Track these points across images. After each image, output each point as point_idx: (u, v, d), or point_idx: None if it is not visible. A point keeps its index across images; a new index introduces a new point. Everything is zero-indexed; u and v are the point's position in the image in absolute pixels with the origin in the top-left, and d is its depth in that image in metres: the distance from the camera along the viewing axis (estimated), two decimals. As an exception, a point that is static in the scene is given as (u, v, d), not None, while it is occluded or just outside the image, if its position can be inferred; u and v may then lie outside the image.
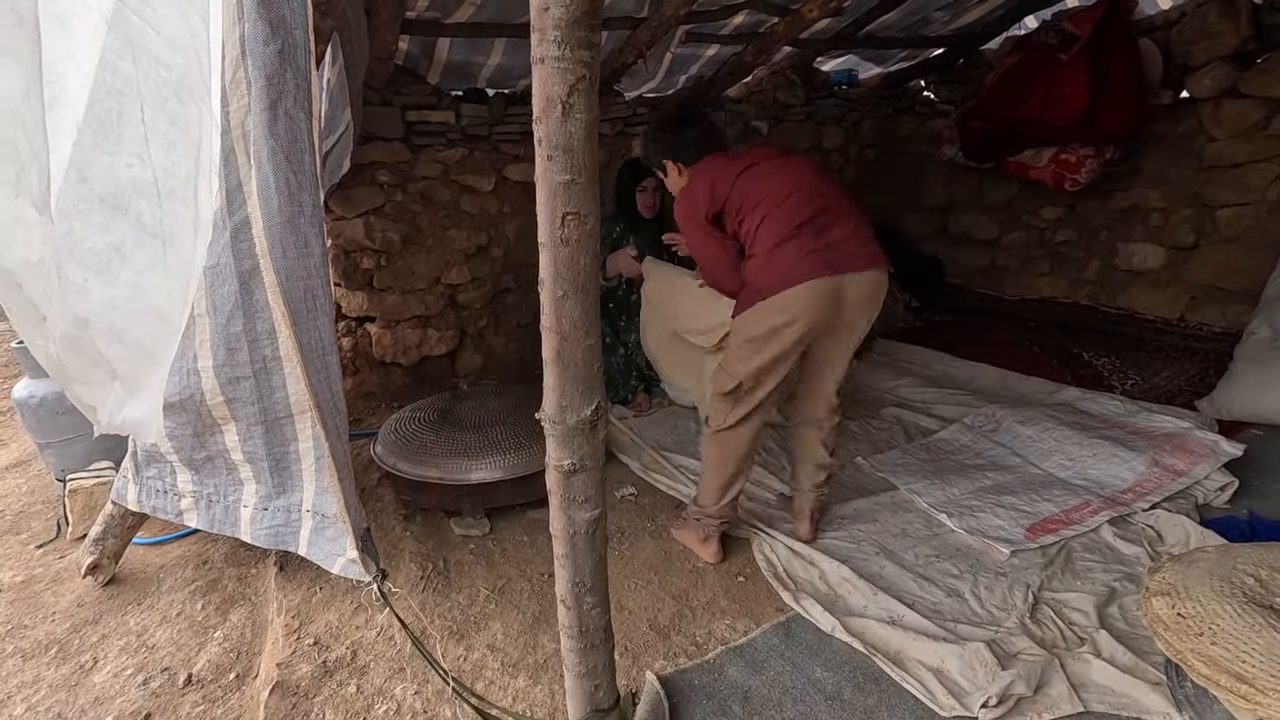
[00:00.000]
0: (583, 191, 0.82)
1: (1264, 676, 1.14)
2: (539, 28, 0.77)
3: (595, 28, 0.77)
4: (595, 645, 1.09)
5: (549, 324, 0.89)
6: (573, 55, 0.76)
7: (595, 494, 1.00)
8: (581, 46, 0.76)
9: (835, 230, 1.72)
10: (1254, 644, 1.19)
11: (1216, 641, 1.22)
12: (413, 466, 2.09)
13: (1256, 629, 1.22)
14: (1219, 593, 1.31)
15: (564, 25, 0.75)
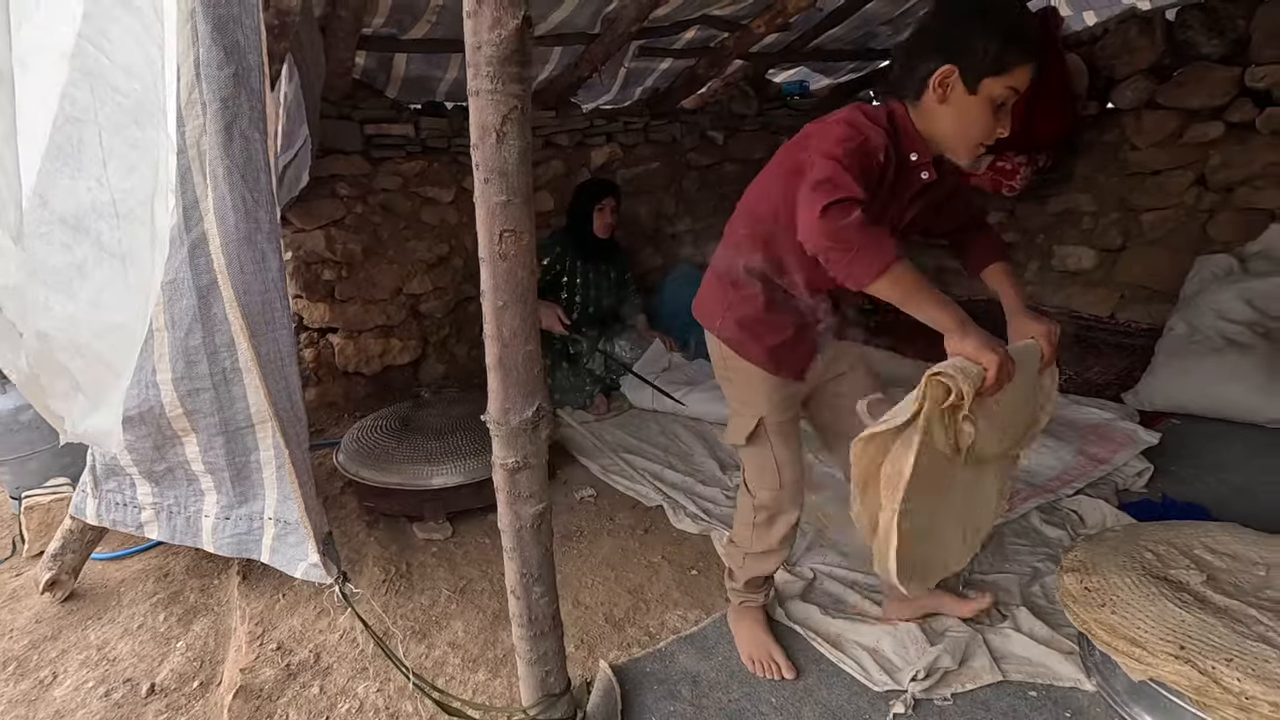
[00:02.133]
0: (518, 210, 0.90)
1: (1154, 640, 1.26)
2: (473, 63, 0.85)
3: (526, 63, 0.85)
4: (544, 633, 1.16)
5: (490, 332, 0.97)
6: (504, 88, 0.84)
7: (540, 490, 1.07)
8: (513, 80, 0.84)
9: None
10: (1147, 611, 1.31)
11: (1116, 611, 1.34)
12: (375, 473, 2.14)
13: (1151, 598, 1.34)
14: (1121, 567, 1.44)
15: (495, 62, 0.83)
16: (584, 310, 3.11)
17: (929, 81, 1.20)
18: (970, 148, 1.25)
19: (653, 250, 3.86)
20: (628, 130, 3.60)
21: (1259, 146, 2.86)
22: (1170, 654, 1.23)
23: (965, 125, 1.22)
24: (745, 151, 4.00)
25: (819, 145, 1.19)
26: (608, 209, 2.99)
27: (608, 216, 3.00)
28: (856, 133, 1.19)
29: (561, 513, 2.24)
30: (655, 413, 2.90)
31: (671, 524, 2.13)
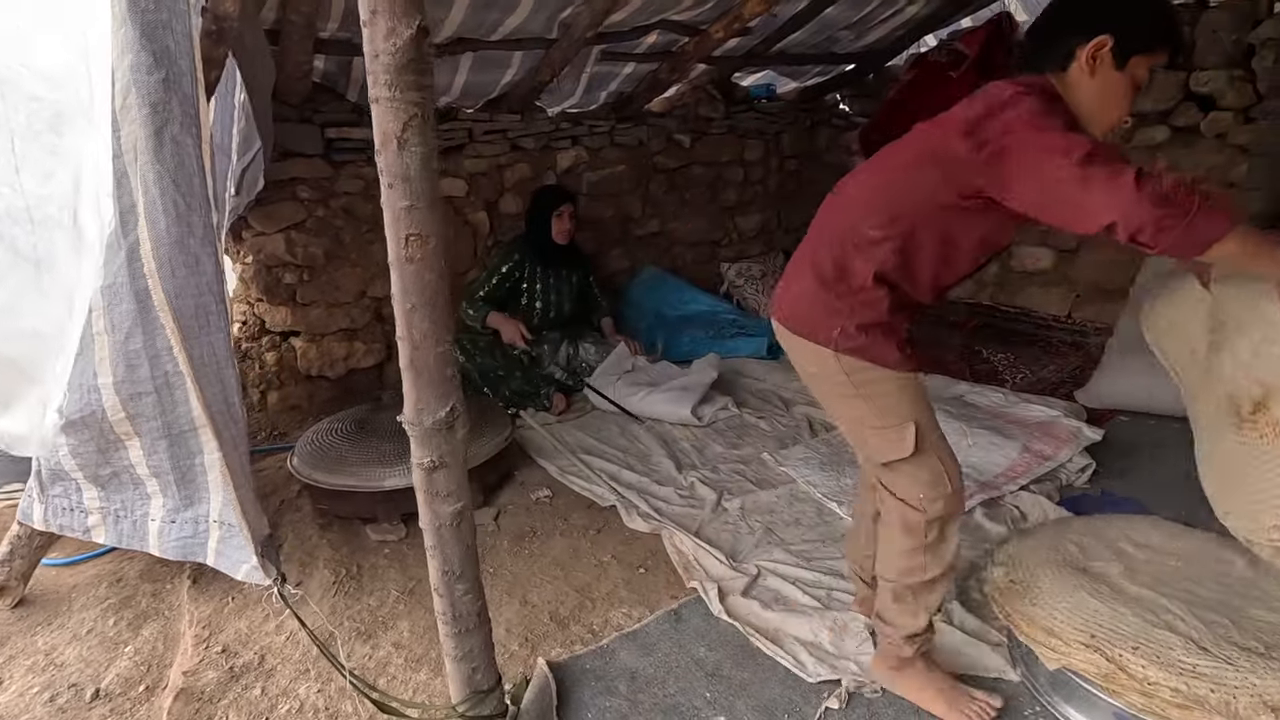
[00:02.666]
0: (423, 215, 0.92)
1: (1068, 630, 1.29)
2: (372, 71, 0.87)
3: (424, 71, 0.87)
4: (469, 630, 1.18)
5: (402, 334, 0.99)
6: (403, 96, 0.86)
7: (457, 489, 1.09)
8: (411, 89, 0.86)
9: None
10: (1065, 602, 1.35)
11: (1035, 602, 1.38)
12: (329, 476, 2.15)
13: (1069, 590, 1.38)
14: (1045, 560, 1.48)
15: (392, 70, 0.85)
16: (545, 315, 3.13)
17: (1078, 52, 1.15)
18: (1108, 124, 1.21)
19: (620, 252, 3.88)
20: (593, 134, 3.62)
21: (1203, 150, 2.93)
22: (1082, 643, 1.27)
23: (1108, 100, 1.18)
24: (712, 154, 4.04)
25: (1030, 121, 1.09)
26: (565, 215, 3.01)
27: (566, 222, 3.03)
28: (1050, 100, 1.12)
29: (517, 513, 2.26)
30: (617, 414, 2.92)
31: (624, 524, 2.15)
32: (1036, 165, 1.07)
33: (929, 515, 1.28)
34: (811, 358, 1.33)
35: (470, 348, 2.99)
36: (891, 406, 1.28)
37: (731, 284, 4.11)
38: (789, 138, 4.32)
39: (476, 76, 3.00)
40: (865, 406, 1.30)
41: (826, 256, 1.29)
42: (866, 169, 1.35)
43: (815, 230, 1.37)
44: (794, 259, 1.40)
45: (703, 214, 4.14)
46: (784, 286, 1.41)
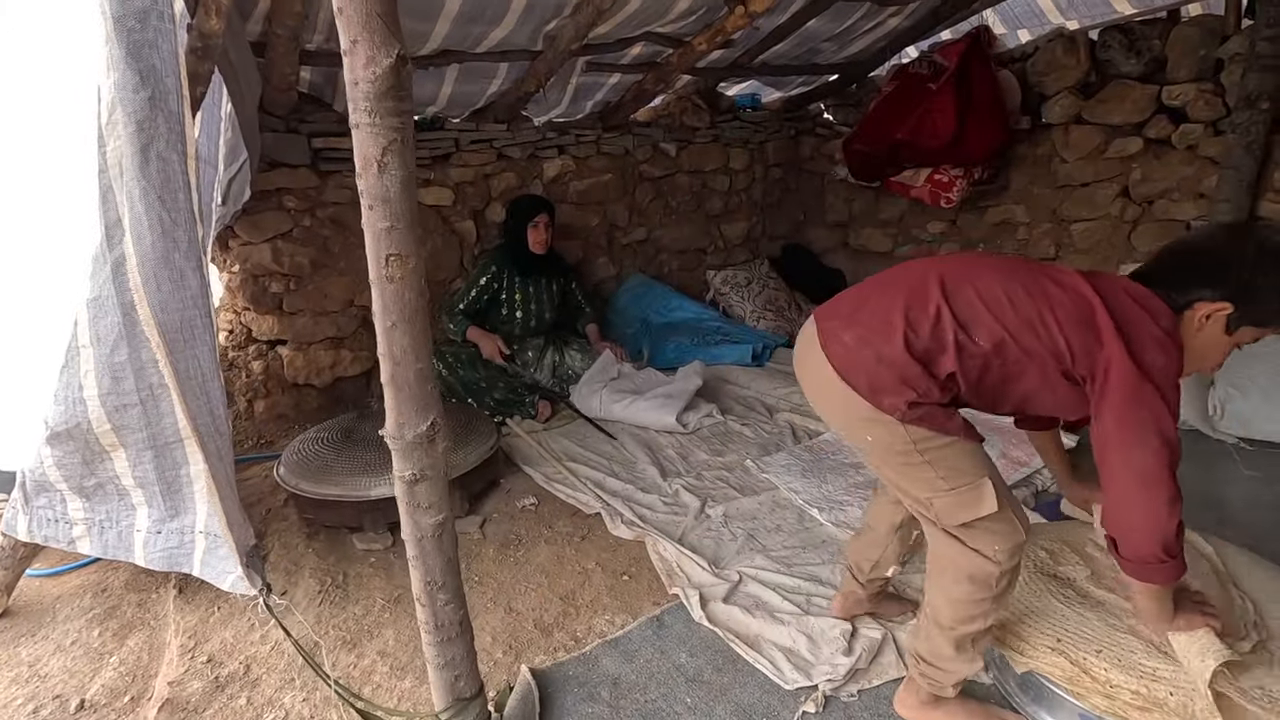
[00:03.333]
0: (402, 235, 0.95)
1: (1035, 634, 1.33)
2: (352, 98, 0.89)
3: (404, 97, 0.90)
4: (451, 639, 1.20)
5: (383, 351, 1.01)
6: (383, 122, 0.89)
7: (439, 500, 1.11)
8: (390, 114, 0.89)
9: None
10: (1032, 607, 1.39)
11: (1006, 608, 1.41)
12: (315, 486, 2.16)
13: (1037, 594, 1.42)
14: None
15: (372, 97, 0.88)
16: (525, 324, 3.15)
17: (1198, 306, 1.16)
18: (1192, 371, 1.21)
19: (606, 260, 3.91)
20: (580, 143, 3.65)
21: (1175, 161, 3.00)
22: (1048, 647, 1.30)
23: (1204, 357, 1.21)
24: (698, 163, 4.08)
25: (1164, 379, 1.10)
26: (541, 225, 3.03)
27: (541, 232, 3.05)
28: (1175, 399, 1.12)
29: (503, 521, 2.28)
30: (603, 421, 2.95)
31: (609, 531, 2.18)
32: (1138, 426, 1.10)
33: (1003, 568, 1.23)
34: (867, 423, 1.24)
35: (452, 360, 3.01)
36: (959, 467, 1.21)
37: (717, 291, 4.15)
38: (773, 146, 4.37)
39: (462, 87, 3.03)
40: (933, 472, 1.22)
41: (925, 333, 1.19)
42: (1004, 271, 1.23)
43: (918, 292, 1.22)
44: (874, 308, 1.26)
45: (688, 222, 4.18)
46: (852, 322, 1.26)
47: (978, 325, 1.17)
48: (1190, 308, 1.16)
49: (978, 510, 1.20)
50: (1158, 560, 1.12)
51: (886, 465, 1.28)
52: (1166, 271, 1.21)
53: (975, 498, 1.20)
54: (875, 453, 1.28)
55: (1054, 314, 1.15)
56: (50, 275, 1.80)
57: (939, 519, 1.24)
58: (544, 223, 3.04)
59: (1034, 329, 1.16)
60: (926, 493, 1.23)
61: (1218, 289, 1.14)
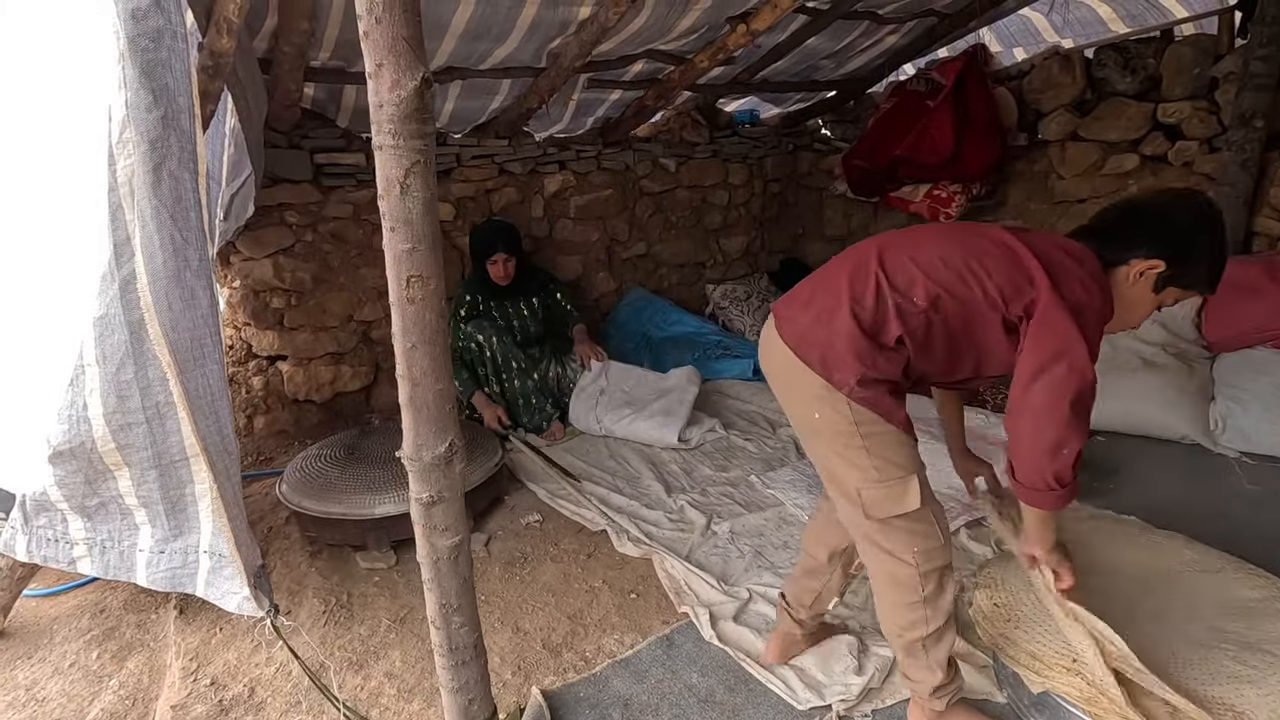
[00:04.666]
0: (424, 257, 0.94)
1: (1050, 654, 1.33)
2: (375, 121, 0.90)
3: (427, 120, 0.90)
4: (466, 662, 1.19)
5: (402, 372, 1.01)
6: (406, 144, 0.89)
7: (455, 522, 1.10)
8: (414, 137, 0.89)
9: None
10: (1046, 626, 1.39)
11: (1019, 626, 1.41)
12: (317, 503, 2.14)
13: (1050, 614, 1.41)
14: (1027, 584, 1.51)
15: (396, 120, 0.88)
16: (513, 340, 3.11)
17: (1132, 262, 1.24)
18: (1116, 328, 1.29)
19: (606, 275, 3.92)
20: (580, 158, 3.67)
21: (1171, 177, 3.04)
22: (1064, 667, 1.30)
23: (1131, 311, 1.28)
24: (697, 178, 4.11)
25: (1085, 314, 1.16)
26: (499, 262, 2.99)
27: (501, 268, 3.01)
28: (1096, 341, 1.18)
29: (507, 539, 2.27)
30: (606, 438, 2.94)
31: (614, 548, 2.16)
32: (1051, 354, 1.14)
33: (922, 569, 1.28)
34: (816, 399, 1.28)
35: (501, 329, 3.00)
36: (893, 458, 1.26)
37: (717, 305, 4.16)
38: (772, 162, 4.40)
39: (465, 103, 3.04)
40: (868, 459, 1.26)
41: (868, 303, 1.24)
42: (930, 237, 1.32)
43: (858, 268, 1.29)
44: (823, 288, 1.32)
45: (688, 237, 4.20)
46: (804, 308, 1.32)
47: (914, 286, 1.23)
48: (1126, 263, 1.24)
49: (903, 505, 1.26)
50: (1047, 487, 1.18)
51: (828, 448, 1.31)
52: (1110, 226, 1.28)
53: (901, 492, 1.26)
54: (820, 433, 1.32)
55: (983, 265, 1.21)
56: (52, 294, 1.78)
57: (867, 510, 1.28)
58: (502, 259, 2.99)
59: (965, 281, 1.22)
60: (858, 482, 1.28)
61: (1154, 246, 1.22)
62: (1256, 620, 1.32)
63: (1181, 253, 1.22)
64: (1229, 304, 2.65)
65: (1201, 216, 1.23)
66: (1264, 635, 1.27)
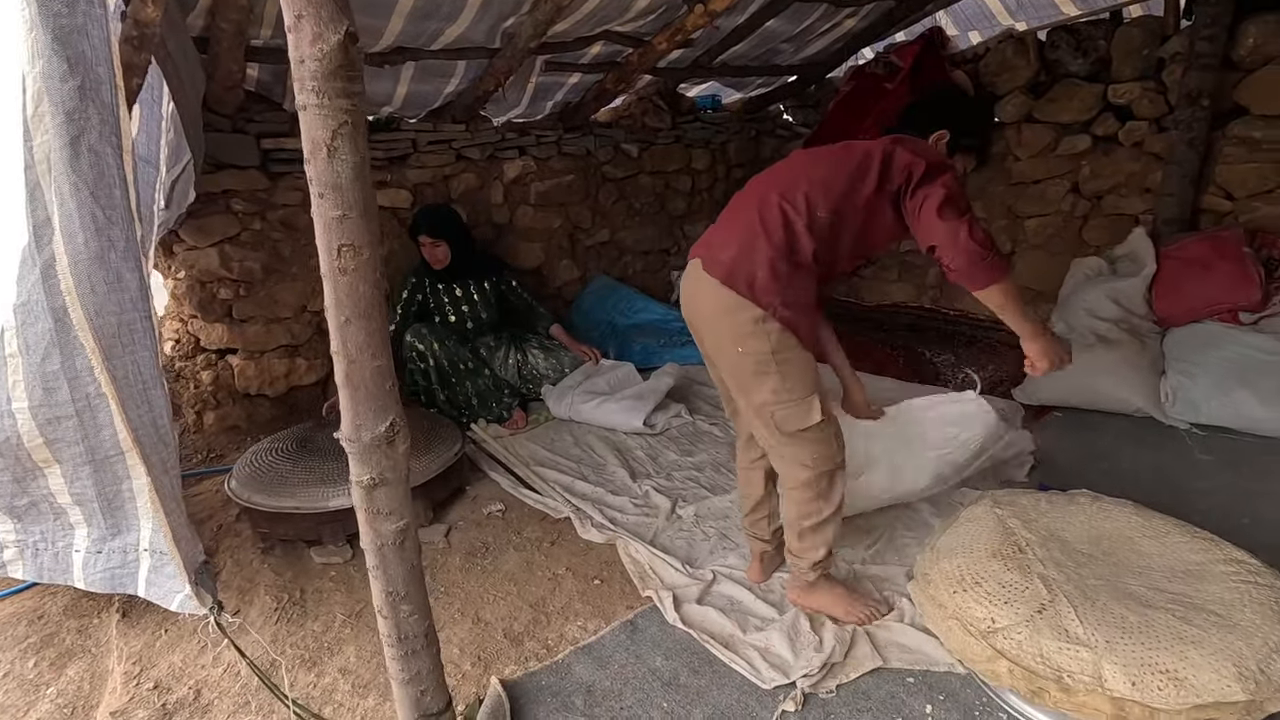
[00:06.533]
0: (355, 225, 0.89)
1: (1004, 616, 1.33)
2: (298, 78, 0.84)
3: (354, 78, 0.85)
4: (416, 651, 1.14)
5: (336, 348, 0.96)
6: (331, 103, 0.84)
7: (400, 506, 1.06)
8: (340, 95, 0.84)
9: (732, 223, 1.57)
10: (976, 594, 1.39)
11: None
12: (269, 498, 2.06)
13: (982, 580, 1.42)
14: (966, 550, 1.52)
15: (320, 77, 0.83)
16: (463, 325, 3.07)
17: (929, 134, 1.59)
18: None
19: (570, 263, 3.87)
20: (540, 143, 3.61)
21: (1122, 158, 3.09)
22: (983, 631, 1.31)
23: None
24: (660, 164, 4.07)
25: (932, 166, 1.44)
26: (427, 245, 2.93)
27: (431, 251, 2.94)
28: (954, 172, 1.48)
29: (469, 529, 2.22)
30: (571, 423, 2.90)
31: (579, 535, 2.13)
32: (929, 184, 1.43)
33: (818, 470, 1.55)
34: (744, 326, 1.48)
35: (443, 334, 2.91)
36: (802, 378, 1.50)
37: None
38: (735, 147, 4.39)
39: (419, 86, 2.96)
40: (779, 381, 1.49)
41: (778, 226, 1.47)
42: (821, 159, 1.56)
43: (762, 202, 1.51)
44: (735, 222, 1.55)
45: (652, 223, 4.17)
46: (725, 246, 1.53)
47: (815, 205, 1.48)
48: (927, 137, 1.59)
49: (808, 420, 1.51)
50: (977, 256, 1.38)
51: (749, 375, 1.52)
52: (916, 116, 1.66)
53: (807, 409, 1.51)
54: (743, 365, 1.52)
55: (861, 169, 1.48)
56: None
57: (779, 426, 1.53)
58: (428, 243, 2.93)
59: (855, 187, 1.48)
60: (772, 404, 1.51)
61: (940, 120, 1.60)
62: (1201, 582, 1.34)
63: (957, 121, 1.61)
64: (1178, 280, 2.71)
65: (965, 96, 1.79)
66: (1208, 596, 1.29)
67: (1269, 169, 2.74)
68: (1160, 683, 1.16)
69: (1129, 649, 1.21)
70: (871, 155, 1.49)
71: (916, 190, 1.44)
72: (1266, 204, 2.76)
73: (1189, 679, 1.16)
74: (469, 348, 3.00)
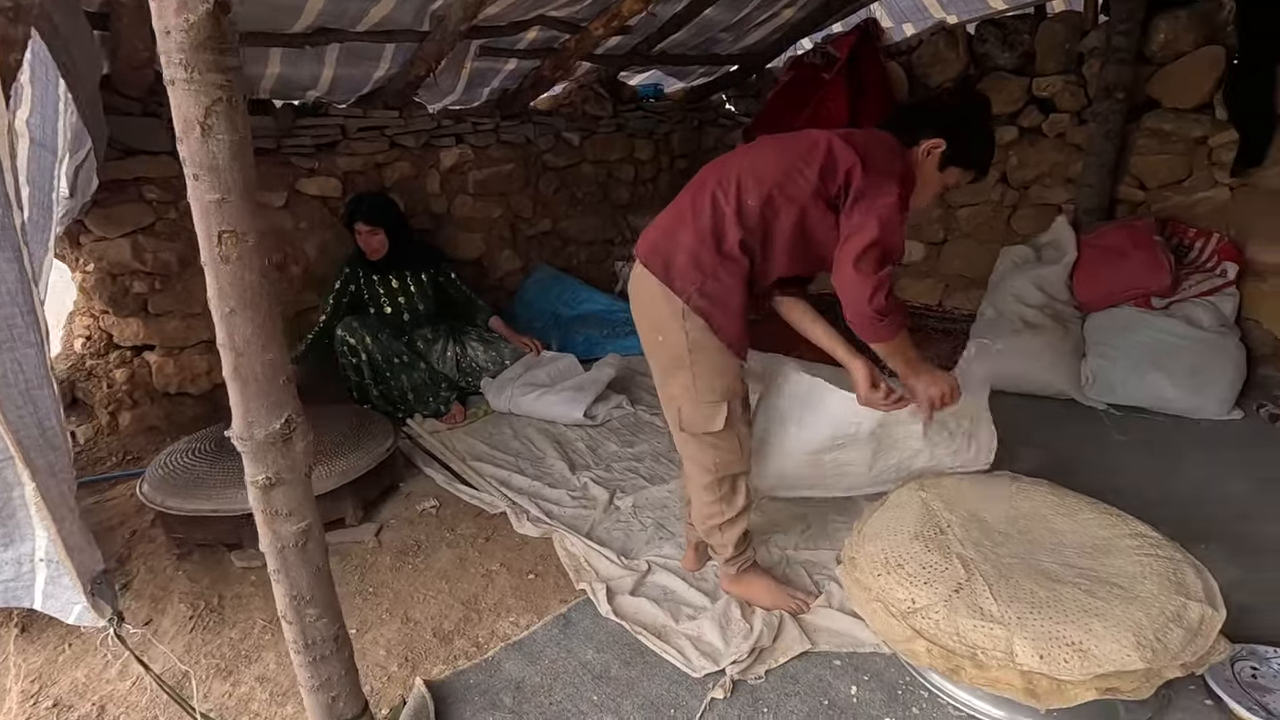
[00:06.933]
0: (235, 209, 0.84)
1: (896, 596, 1.36)
2: (164, 50, 0.78)
3: (227, 51, 0.79)
4: (325, 657, 1.09)
5: (223, 340, 0.90)
6: (202, 78, 0.78)
7: (300, 506, 1.01)
8: (211, 69, 0.78)
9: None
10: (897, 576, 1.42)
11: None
12: (184, 501, 1.96)
13: (901, 561, 1.45)
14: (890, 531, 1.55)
15: (187, 49, 0.77)
16: (399, 317, 2.98)
17: (922, 141, 1.49)
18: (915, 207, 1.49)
19: (511, 253, 3.80)
20: (478, 131, 3.52)
21: (1047, 149, 3.19)
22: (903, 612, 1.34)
23: (925, 186, 1.53)
24: (602, 153, 4.03)
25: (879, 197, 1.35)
26: (363, 234, 2.85)
27: (368, 240, 2.86)
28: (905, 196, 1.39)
29: (401, 527, 2.16)
30: (511, 416, 2.86)
31: (514, 530, 2.09)
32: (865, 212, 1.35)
33: (719, 475, 1.55)
34: (661, 313, 1.45)
35: (375, 327, 2.80)
36: (712, 381, 1.47)
37: (626, 283, 4.11)
38: (678, 137, 4.37)
39: (346, 70, 2.84)
40: (690, 378, 1.47)
41: (706, 215, 1.42)
42: (766, 145, 1.51)
43: (698, 187, 1.48)
44: (671, 212, 1.51)
45: (595, 213, 4.13)
46: (656, 228, 1.51)
47: (746, 191, 1.41)
48: (918, 144, 1.49)
49: (711, 425, 1.49)
50: (874, 318, 1.35)
51: (664, 365, 1.52)
52: (905, 116, 1.57)
53: (711, 414, 1.48)
54: (659, 354, 1.51)
55: (801, 158, 1.41)
56: None
57: (683, 424, 1.52)
58: (365, 231, 2.85)
59: (792, 178, 1.40)
60: (681, 400, 1.50)
61: (936, 128, 1.48)
62: (1107, 556, 1.39)
63: (957, 133, 1.48)
64: (1097, 267, 2.82)
65: (972, 105, 1.59)
66: (1114, 570, 1.34)
67: (1179, 161, 2.87)
68: (1066, 655, 1.20)
69: (1038, 624, 1.25)
70: (817, 146, 1.42)
71: (852, 209, 1.36)
72: (1177, 194, 2.89)
73: (1092, 650, 1.20)
74: (405, 341, 2.92)
